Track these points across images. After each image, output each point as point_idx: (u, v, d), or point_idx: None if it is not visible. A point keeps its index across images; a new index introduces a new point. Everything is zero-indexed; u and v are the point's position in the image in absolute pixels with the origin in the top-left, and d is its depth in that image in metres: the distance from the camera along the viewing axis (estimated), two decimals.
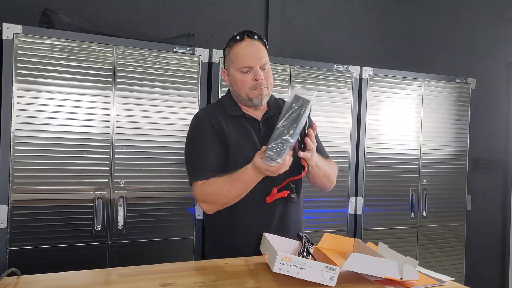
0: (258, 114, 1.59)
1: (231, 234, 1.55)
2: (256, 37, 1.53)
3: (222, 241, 1.59)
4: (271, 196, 1.47)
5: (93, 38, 2.11)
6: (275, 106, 1.62)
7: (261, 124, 1.57)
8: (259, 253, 1.42)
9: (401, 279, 1.16)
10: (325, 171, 1.56)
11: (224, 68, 1.60)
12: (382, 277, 1.17)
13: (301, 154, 1.39)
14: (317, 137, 1.75)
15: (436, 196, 2.94)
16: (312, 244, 1.42)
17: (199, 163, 1.51)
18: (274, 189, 1.46)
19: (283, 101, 1.67)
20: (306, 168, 1.44)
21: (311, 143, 1.40)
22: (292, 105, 1.34)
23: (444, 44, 3.56)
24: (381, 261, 1.18)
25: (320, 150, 1.72)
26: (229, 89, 1.64)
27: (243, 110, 1.58)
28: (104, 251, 2.12)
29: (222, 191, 1.45)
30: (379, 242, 1.40)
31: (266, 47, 1.56)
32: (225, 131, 1.52)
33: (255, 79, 1.49)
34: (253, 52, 1.50)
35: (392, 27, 3.41)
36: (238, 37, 1.51)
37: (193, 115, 1.63)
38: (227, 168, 1.50)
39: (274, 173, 1.36)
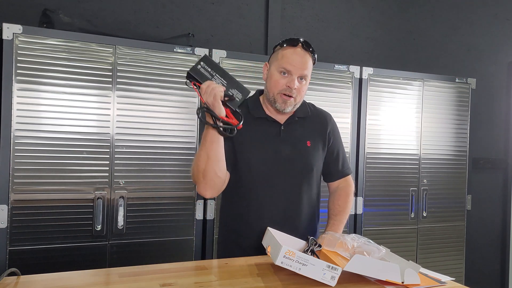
0: (281, 118, 1.60)
1: (241, 229, 1.59)
2: (309, 49, 1.54)
3: (231, 234, 1.62)
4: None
5: (93, 38, 2.11)
6: (302, 111, 1.63)
7: (282, 128, 1.59)
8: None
9: (402, 283, 1.16)
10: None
11: (268, 62, 1.61)
12: (384, 279, 1.17)
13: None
14: (338, 151, 1.70)
15: (436, 196, 2.94)
16: (319, 246, 1.41)
17: None
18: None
19: (313, 106, 1.70)
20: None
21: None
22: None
23: (444, 44, 3.56)
24: (383, 264, 1.18)
25: (342, 163, 1.73)
26: (257, 90, 1.67)
27: (267, 113, 1.59)
28: (104, 251, 2.12)
29: (195, 158, 1.47)
30: (381, 246, 1.40)
31: (314, 62, 1.58)
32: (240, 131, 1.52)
33: (288, 85, 1.51)
34: (299, 61, 1.52)
35: (392, 27, 3.41)
36: (293, 42, 1.54)
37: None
38: (236, 166, 1.54)
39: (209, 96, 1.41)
